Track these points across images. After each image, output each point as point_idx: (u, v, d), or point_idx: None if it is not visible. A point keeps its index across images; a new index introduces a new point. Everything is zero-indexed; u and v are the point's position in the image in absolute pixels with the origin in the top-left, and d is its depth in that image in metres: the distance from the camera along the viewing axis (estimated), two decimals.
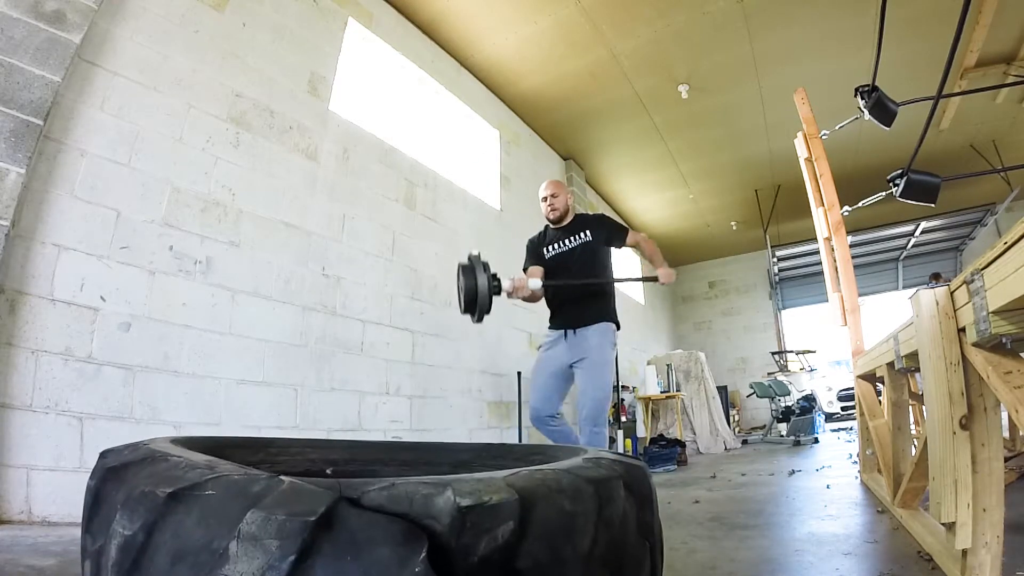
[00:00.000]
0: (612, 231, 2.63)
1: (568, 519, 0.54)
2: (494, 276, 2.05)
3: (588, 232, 2.57)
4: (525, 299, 2.38)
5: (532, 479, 0.55)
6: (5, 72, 1.86)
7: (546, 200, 2.63)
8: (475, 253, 2.04)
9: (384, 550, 0.43)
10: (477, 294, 1.98)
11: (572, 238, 2.58)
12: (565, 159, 6.47)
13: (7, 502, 1.75)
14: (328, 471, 1.11)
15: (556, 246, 2.60)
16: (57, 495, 1.85)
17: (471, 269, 2.00)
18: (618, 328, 2.55)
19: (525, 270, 2.61)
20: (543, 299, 2.53)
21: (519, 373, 4.56)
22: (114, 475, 0.57)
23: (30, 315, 1.89)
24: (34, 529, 1.70)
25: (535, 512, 0.51)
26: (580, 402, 2.37)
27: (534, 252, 2.66)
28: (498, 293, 2.09)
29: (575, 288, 2.51)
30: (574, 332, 2.46)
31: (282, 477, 0.48)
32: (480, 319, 2.04)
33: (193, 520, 0.46)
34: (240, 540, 0.43)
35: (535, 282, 2.32)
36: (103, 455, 0.64)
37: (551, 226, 2.67)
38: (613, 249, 2.67)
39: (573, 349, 2.44)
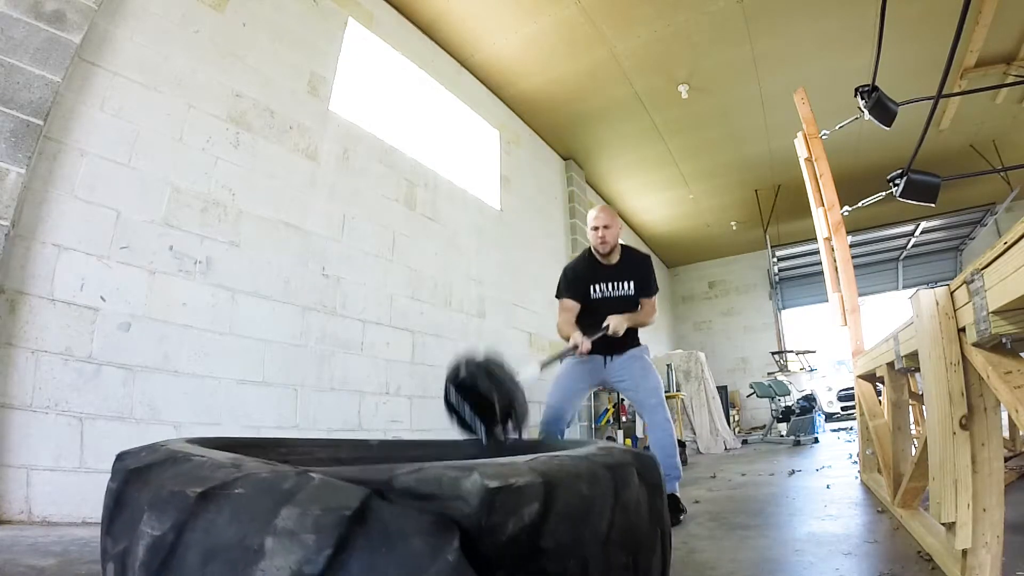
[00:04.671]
0: (650, 286, 2.54)
1: (587, 502, 0.56)
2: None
3: (633, 284, 2.49)
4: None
5: (552, 464, 0.57)
6: (5, 72, 1.86)
7: (597, 230, 2.47)
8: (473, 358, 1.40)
9: (417, 541, 0.44)
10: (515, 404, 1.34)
11: (619, 285, 2.49)
12: (565, 159, 6.47)
13: (7, 502, 1.75)
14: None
15: (603, 288, 2.49)
16: (57, 495, 1.85)
17: (491, 375, 1.35)
18: None
19: (562, 298, 2.52)
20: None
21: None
22: (137, 477, 0.58)
23: (30, 315, 1.89)
24: (34, 529, 1.70)
25: (557, 494, 0.52)
26: (645, 413, 2.40)
27: (581, 286, 2.50)
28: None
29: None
30: (611, 359, 2.46)
31: (311, 473, 0.49)
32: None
33: (225, 518, 0.47)
34: (276, 536, 0.44)
35: (587, 343, 2.27)
36: (120, 457, 0.64)
37: (599, 258, 2.52)
38: None
39: (608, 372, 2.47)
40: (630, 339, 2.50)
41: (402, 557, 0.43)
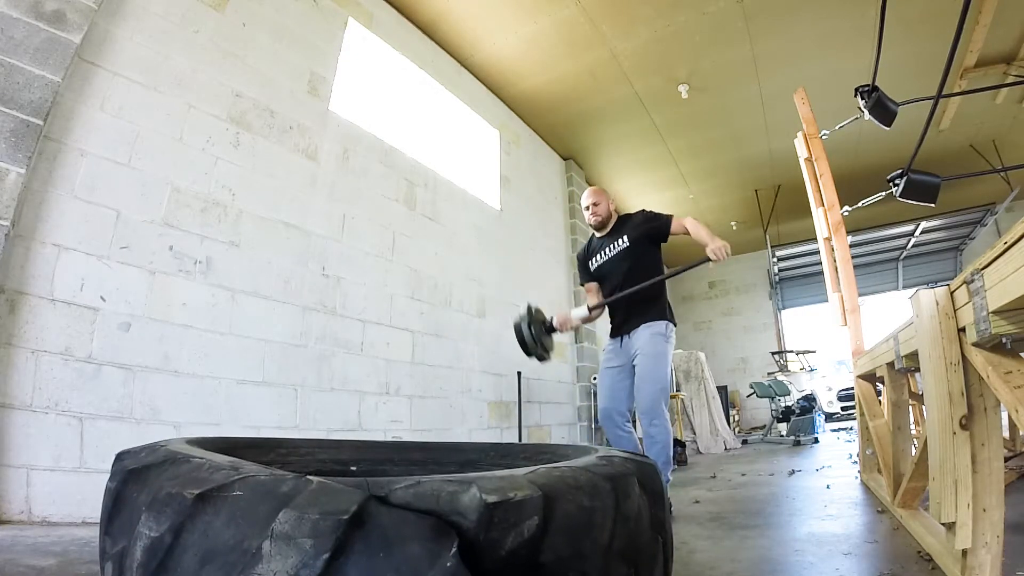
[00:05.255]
0: (651, 227, 2.50)
1: (587, 514, 0.55)
2: (543, 322, 2.44)
3: (625, 237, 2.51)
4: (586, 322, 2.56)
5: (552, 476, 0.56)
6: (5, 72, 1.86)
7: (588, 209, 2.62)
8: (528, 306, 2.44)
9: (415, 546, 0.44)
10: (526, 344, 2.40)
11: (612, 245, 2.54)
12: (565, 159, 6.47)
13: (7, 502, 1.75)
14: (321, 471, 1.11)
15: (600, 256, 2.59)
16: (57, 495, 1.85)
17: (518, 325, 2.42)
18: (674, 324, 2.49)
19: (583, 284, 2.71)
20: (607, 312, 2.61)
21: (519, 373, 4.56)
22: (136, 477, 0.58)
23: (30, 315, 1.89)
24: (34, 529, 1.70)
25: (557, 507, 0.52)
26: (636, 397, 2.39)
27: (583, 266, 2.68)
28: (550, 332, 2.45)
29: (625, 296, 2.47)
30: (628, 336, 2.47)
31: (310, 477, 0.49)
32: (545, 358, 2.47)
33: (222, 521, 0.47)
34: (273, 539, 0.44)
35: (578, 312, 2.52)
36: (120, 457, 0.64)
37: (595, 234, 2.67)
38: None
39: (629, 349, 2.46)
40: (642, 310, 2.44)
41: (400, 562, 0.43)
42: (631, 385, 2.47)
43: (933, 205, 3.02)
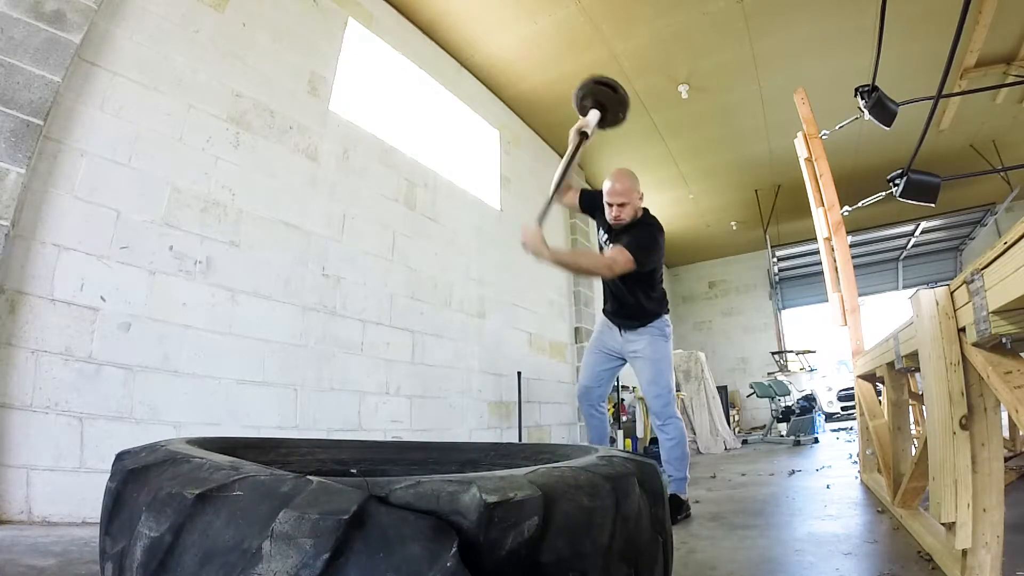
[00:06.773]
0: (631, 241, 2.23)
1: (587, 514, 0.55)
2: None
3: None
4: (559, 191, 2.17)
5: (552, 476, 0.56)
6: (5, 72, 1.86)
7: (612, 207, 2.30)
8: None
9: (415, 546, 0.44)
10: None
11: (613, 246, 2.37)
12: None
13: (7, 502, 1.75)
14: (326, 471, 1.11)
15: (603, 239, 2.48)
16: (57, 495, 1.85)
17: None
18: (667, 314, 2.45)
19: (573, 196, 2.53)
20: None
21: (519, 373, 4.56)
22: (136, 477, 0.58)
23: (30, 315, 1.89)
24: (34, 529, 1.70)
25: (557, 507, 0.52)
26: (646, 398, 2.43)
27: (595, 207, 2.45)
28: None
29: (620, 290, 2.40)
30: (622, 331, 2.46)
31: (310, 477, 0.49)
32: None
33: (222, 521, 0.47)
34: (274, 539, 0.44)
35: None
36: (120, 457, 0.64)
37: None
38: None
39: (627, 344, 2.45)
40: (640, 310, 2.39)
41: (400, 562, 0.43)
42: (612, 371, 2.53)
43: (933, 205, 3.02)
